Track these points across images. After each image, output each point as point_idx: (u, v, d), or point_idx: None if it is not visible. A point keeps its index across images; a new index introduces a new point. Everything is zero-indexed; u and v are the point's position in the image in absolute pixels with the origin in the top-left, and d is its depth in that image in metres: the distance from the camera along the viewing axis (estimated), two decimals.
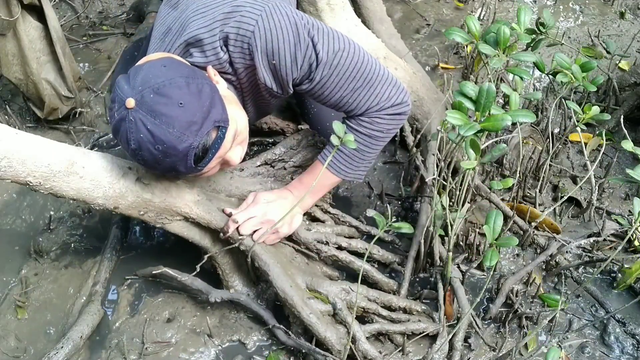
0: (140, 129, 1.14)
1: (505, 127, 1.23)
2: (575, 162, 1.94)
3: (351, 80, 1.36)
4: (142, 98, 1.14)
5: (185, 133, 1.15)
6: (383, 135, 1.46)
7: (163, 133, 1.14)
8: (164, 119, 1.14)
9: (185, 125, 1.15)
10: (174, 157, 1.17)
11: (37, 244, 1.77)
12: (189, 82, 1.17)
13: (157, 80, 1.15)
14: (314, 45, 1.29)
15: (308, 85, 1.36)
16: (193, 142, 1.16)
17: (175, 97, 1.14)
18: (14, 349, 1.56)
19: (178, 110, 1.14)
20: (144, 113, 1.14)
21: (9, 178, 1.22)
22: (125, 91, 1.16)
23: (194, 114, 1.16)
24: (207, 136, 1.19)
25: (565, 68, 1.54)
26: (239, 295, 1.54)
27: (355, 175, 1.52)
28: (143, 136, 1.15)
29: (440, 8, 2.63)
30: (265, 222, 1.46)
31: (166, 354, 1.52)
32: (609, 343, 1.52)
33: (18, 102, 2.20)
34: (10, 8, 1.81)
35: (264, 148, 1.98)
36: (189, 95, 1.16)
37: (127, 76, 1.19)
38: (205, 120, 1.17)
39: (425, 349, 1.49)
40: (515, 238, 1.27)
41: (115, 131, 1.19)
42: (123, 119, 1.16)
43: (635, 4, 2.63)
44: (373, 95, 1.39)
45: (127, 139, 1.17)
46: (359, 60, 1.36)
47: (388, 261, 1.64)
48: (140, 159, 1.20)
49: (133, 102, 1.14)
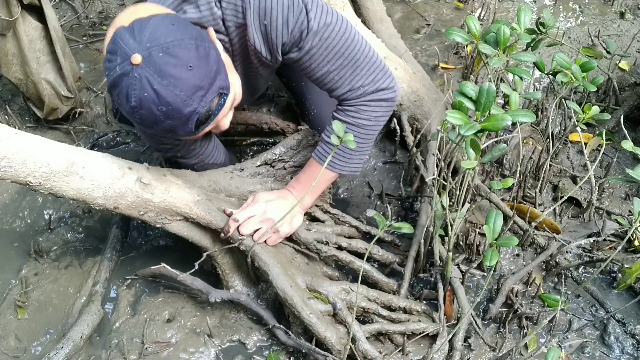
0: (145, 87, 1.11)
1: (505, 127, 1.23)
2: (575, 162, 1.94)
3: (339, 56, 1.36)
4: (150, 56, 1.10)
5: (191, 97, 1.13)
6: (372, 124, 1.45)
7: (169, 95, 1.11)
8: (171, 80, 1.11)
9: (193, 89, 1.13)
10: (175, 120, 1.15)
11: (37, 244, 1.77)
12: (198, 44, 1.15)
13: (167, 39, 1.11)
14: (307, 12, 1.29)
15: (297, 54, 1.35)
16: (197, 107, 1.15)
17: (184, 59, 1.12)
18: (14, 349, 1.56)
19: (187, 73, 1.12)
20: (151, 72, 1.10)
21: (9, 178, 1.22)
22: (130, 46, 1.11)
23: (202, 78, 1.14)
24: (211, 102, 1.17)
25: (565, 68, 1.54)
26: (239, 295, 1.54)
27: (350, 168, 1.52)
28: (147, 95, 1.11)
29: (440, 8, 2.63)
30: (265, 221, 1.46)
31: (166, 354, 1.52)
32: (609, 343, 1.52)
33: (18, 102, 2.20)
34: (10, 8, 1.81)
35: (264, 148, 1.98)
36: (198, 59, 1.14)
37: (131, 29, 1.13)
38: (211, 86, 1.16)
39: (425, 349, 1.49)
40: (515, 238, 1.27)
41: (114, 85, 1.14)
42: (125, 74, 1.11)
43: (635, 4, 2.63)
44: (359, 75, 1.39)
45: (127, 94, 1.13)
46: (349, 38, 1.36)
47: (388, 261, 1.64)
48: (138, 117, 1.16)
49: (140, 59, 1.09)
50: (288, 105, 2.11)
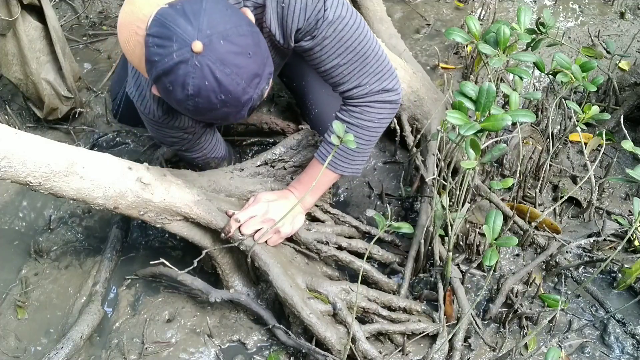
0: (207, 76, 1.08)
1: (505, 127, 1.23)
2: (575, 162, 1.94)
3: (350, 50, 1.36)
4: (211, 43, 1.07)
5: (250, 85, 1.13)
6: (375, 125, 1.45)
7: (231, 83, 1.10)
8: (234, 68, 1.09)
9: (252, 77, 1.12)
10: (232, 108, 1.15)
11: (37, 244, 1.77)
12: (253, 31, 1.14)
13: (226, 25, 1.09)
14: (324, 2, 1.30)
15: (309, 42, 1.35)
16: (253, 95, 1.15)
17: (244, 46, 1.10)
18: (14, 349, 1.56)
19: (247, 60, 1.11)
20: (213, 60, 1.08)
21: (9, 178, 1.22)
22: (189, 32, 1.07)
23: (259, 65, 1.13)
24: (263, 88, 1.17)
25: (565, 68, 1.54)
26: (239, 295, 1.54)
27: (352, 169, 1.52)
28: (208, 84, 1.09)
29: (440, 8, 2.63)
30: (266, 221, 1.46)
31: (166, 354, 1.52)
32: (609, 343, 1.52)
33: (18, 102, 2.20)
34: (10, 8, 1.81)
35: (264, 148, 1.98)
36: (255, 46, 1.13)
37: (184, 13, 1.09)
38: (264, 72, 1.15)
39: (425, 349, 1.49)
40: (515, 238, 1.27)
41: (167, 72, 1.10)
42: (184, 62, 1.08)
43: (635, 4, 2.63)
44: (366, 72, 1.40)
45: (183, 83, 1.10)
46: (362, 34, 1.37)
47: (388, 261, 1.64)
48: (192, 105, 1.13)
49: (201, 46, 1.06)
50: (288, 105, 2.11)
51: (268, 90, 1.24)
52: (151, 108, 1.43)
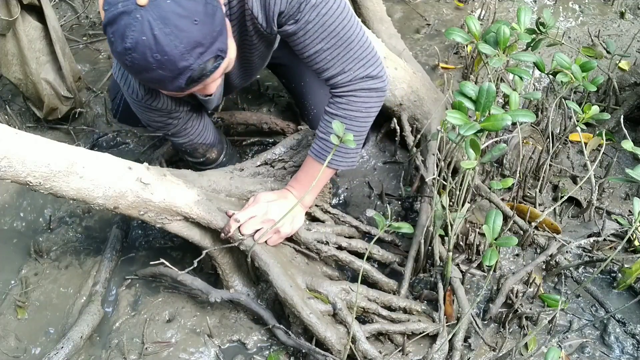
0: (145, 31, 1.07)
1: (505, 127, 1.23)
2: (575, 162, 1.94)
3: (334, 35, 1.35)
4: (157, 0, 1.07)
5: (190, 52, 1.11)
6: (363, 115, 1.44)
7: (168, 44, 1.08)
8: (174, 29, 1.08)
9: (193, 44, 1.11)
10: (167, 72, 1.12)
11: (37, 244, 1.77)
12: (207, 1, 1.13)
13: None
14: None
15: (292, 27, 1.34)
16: (193, 64, 1.13)
17: (192, 11, 1.09)
18: (14, 349, 1.56)
19: (192, 26, 1.09)
20: (155, 16, 1.07)
21: (9, 178, 1.22)
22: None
23: (204, 35, 1.12)
24: (207, 62, 1.15)
25: (565, 68, 1.54)
26: (239, 295, 1.54)
27: (347, 163, 1.51)
28: (145, 39, 1.08)
29: (440, 8, 2.63)
30: (266, 221, 1.46)
31: (166, 354, 1.52)
32: (609, 343, 1.52)
33: (18, 102, 2.20)
34: (10, 8, 1.81)
35: (264, 148, 1.98)
36: (205, 15, 1.11)
37: None
38: (211, 45, 1.14)
39: (425, 349, 1.49)
40: (514, 238, 1.26)
41: (111, 22, 1.10)
42: (127, 13, 1.07)
43: (635, 4, 2.63)
44: (350, 58, 1.38)
45: (123, 34, 1.09)
46: (346, 18, 1.35)
47: (388, 261, 1.64)
48: (129, 60, 1.12)
49: (145, 0, 1.06)
50: (288, 105, 2.11)
51: (220, 69, 1.21)
52: (134, 87, 1.44)
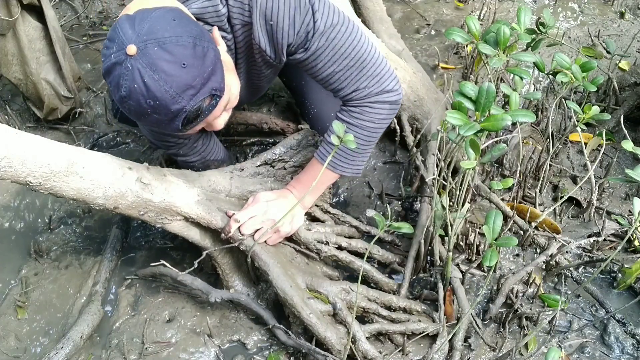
0: (136, 79, 1.11)
1: (505, 127, 1.23)
2: (575, 162, 1.94)
3: (345, 56, 1.35)
4: (145, 48, 1.10)
5: (181, 95, 1.13)
6: (375, 126, 1.45)
7: (158, 90, 1.11)
8: (163, 75, 1.11)
9: (183, 87, 1.13)
10: (162, 115, 1.15)
11: (37, 244, 1.77)
12: (196, 43, 1.14)
13: (165, 34, 1.11)
14: (314, 13, 1.28)
15: (302, 54, 1.35)
16: (186, 106, 1.15)
17: (179, 56, 1.12)
18: (14, 349, 1.56)
19: (180, 70, 1.12)
20: (144, 64, 1.10)
21: (9, 178, 1.22)
22: (128, 36, 1.11)
23: (194, 77, 1.13)
24: (201, 102, 1.17)
25: (565, 68, 1.54)
26: (239, 295, 1.54)
27: (352, 170, 1.51)
28: (137, 87, 1.11)
29: (440, 8, 2.63)
30: (266, 221, 1.46)
31: (166, 354, 1.52)
32: (609, 343, 1.52)
33: (18, 102, 2.20)
34: (10, 8, 1.81)
35: (264, 148, 1.98)
36: (193, 58, 1.13)
37: (133, 20, 1.14)
38: (203, 87, 1.15)
39: (425, 349, 1.49)
40: (514, 238, 1.26)
41: (107, 73, 1.15)
42: (119, 63, 1.12)
43: (635, 4, 2.63)
44: (364, 76, 1.38)
45: (118, 83, 1.13)
46: (356, 38, 1.36)
47: (388, 261, 1.64)
48: (126, 107, 1.17)
49: (135, 50, 1.10)
50: (288, 105, 2.11)
51: (219, 107, 1.23)
52: None
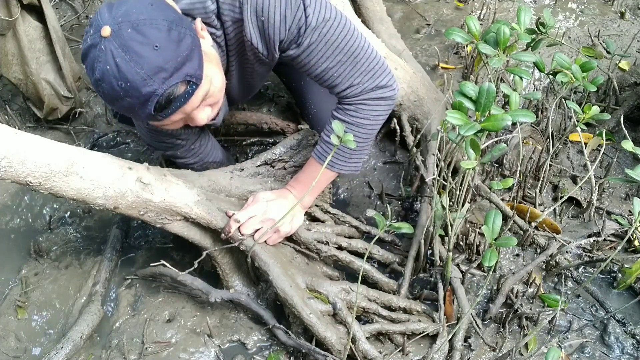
0: (108, 60, 1.11)
1: (505, 127, 1.23)
2: (575, 162, 1.94)
3: (338, 52, 1.34)
4: (119, 30, 1.10)
5: (152, 77, 1.12)
6: (371, 123, 1.44)
7: (129, 71, 1.11)
8: (134, 56, 1.10)
9: (155, 69, 1.12)
10: (134, 99, 1.14)
11: (37, 244, 1.77)
12: (172, 27, 1.14)
13: (140, 16, 1.12)
14: (305, 8, 1.28)
15: (295, 51, 1.34)
16: (158, 89, 1.14)
17: (152, 38, 1.11)
18: (14, 349, 1.56)
19: (152, 52, 1.11)
20: (116, 45, 1.10)
21: (9, 178, 1.22)
22: (104, 18, 1.12)
23: (166, 60, 1.13)
24: (174, 87, 1.16)
25: (565, 68, 1.54)
26: (239, 295, 1.54)
27: (350, 167, 1.51)
28: (109, 68, 1.11)
29: (440, 8, 2.63)
30: (265, 220, 1.46)
31: (166, 354, 1.52)
32: (609, 343, 1.52)
33: (18, 102, 2.20)
34: (10, 8, 1.81)
35: (264, 148, 1.98)
36: (167, 41, 1.13)
37: (111, 5, 1.15)
38: (176, 71, 1.14)
39: (425, 349, 1.50)
40: (514, 238, 1.26)
41: (84, 56, 1.16)
42: (94, 46, 1.12)
43: (635, 4, 2.63)
44: (358, 71, 1.38)
45: (92, 66, 1.14)
46: (348, 33, 1.35)
47: (388, 261, 1.64)
48: (101, 91, 1.17)
49: (109, 31, 1.10)
50: (288, 105, 2.11)
51: (196, 97, 1.21)
52: None
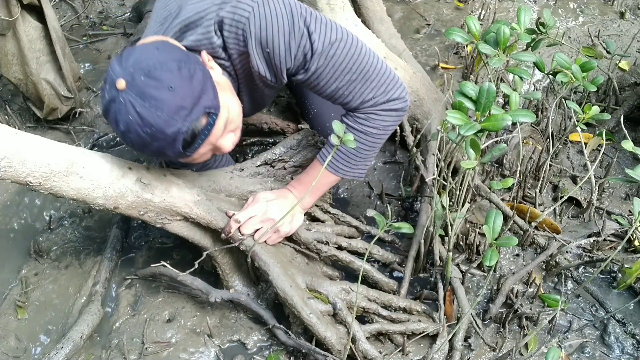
0: (129, 111, 1.14)
1: (505, 127, 1.23)
2: (575, 162, 1.94)
3: (347, 71, 1.35)
4: (133, 80, 1.13)
5: (173, 117, 1.15)
6: (380, 132, 1.45)
7: (151, 116, 1.14)
8: (152, 102, 1.13)
9: (174, 109, 1.14)
10: (162, 141, 1.17)
11: (37, 244, 1.77)
12: (181, 66, 1.17)
13: (149, 62, 1.15)
14: (310, 35, 1.28)
15: (303, 75, 1.35)
16: (181, 127, 1.16)
17: (165, 80, 1.14)
18: (14, 349, 1.56)
19: (168, 93, 1.14)
20: (134, 95, 1.13)
21: (9, 178, 1.22)
22: (116, 72, 1.15)
23: (183, 98, 1.15)
24: (196, 122, 1.18)
25: (565, 68, 1.54)
26: (239, 295, 1.54)
27: (354, 173, 1.51)
28: (132, 118, 1.14)
29: (440, 8, 2.63)
30: (265, 221, 1.46)
31: (166, 354, 1.52)
32: (609, 343, 1.52)
33: (18, 102, 2.20)
34: (10, 8, 1.81)
35: (264, 148, 1.98)
36: (180, 79, 1.15)
37: (120, 57, 1.18)
38: (195, 106, 1.16)
39: (425, 349, 1.50)
40: (514, 238, 1.26)
41: (106, 112, 1.19)
42: (113, 100, 1.16)
43: (635, 4, 2.63)
44: (369, 88, 1.38)
45: (116, 120, 1.17)
46: (356, 52, 1.35)
47: (388, 261, 1.64)
48: (129, 141, 1.20)
49: (123, 84, 1.13)
50: (288, 105, 2.11)
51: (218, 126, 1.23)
52: None
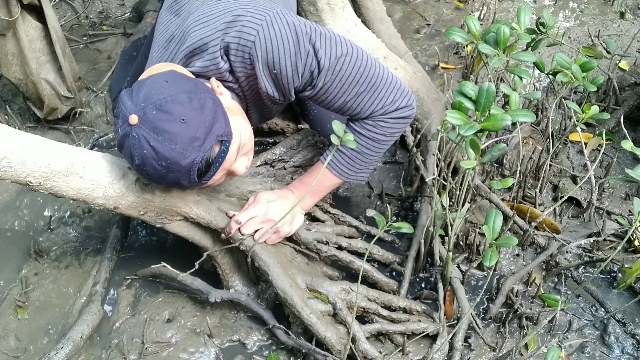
0: (144, 145, 1.16)
1: (505, 127, 1.23)
2: (575, 162, 1.94)
3: (354, 85, 1.35)
4: (145, 115, 1.15)
5: (187, 149, 1.16)
6: (386, 138, 1.46)
7: (166, 149, 1.16)
8: (166, 135, 1.15)
9: (188, 141, 1.16)
10: (177, 173, 1.19)
11: (37, 244, 1.77)
12: (192, 97, 1.18)
13: (160, 96, 1.16)
14: (315, 53, 1.29)
15: (311, 91, 1.36)
16: (196, 158, 1.18)
17: (177, 113, 1.16)
18: (14, 349, 1.56)
19: (180, 126, 1.16)
20: (147, 130, 1.15)
21: (9, 178, 1.22)
22: (128, 107, 1.17)
23: (196, 129, 1.17)
24: (210, 151, 1.20)
25: (565, 68, 1.54)
26: (239, 295, 1.54)
27: (357, 177, 1.52)
28: (146, 152, 1.16)
29: (440, 8, 2.63)
30: (266, 221, 1.46)
31: (166, 354, 1.52)
32: (609, 343, 1.52)
33: (18, 102, 2.20)
34: (10, 8, 1.81)
35: (264, 148, 1.98)
36: (191, 111, 1.17)
37: (131, 92, 1.20)
38: (208, 135, 1.18)
39: (425, 349, 1.50)
40: (514, 238, 1.27)
41: (120, 146, 1.22)
42: (127, 135, 1.18)
43: (635, 4, 2.63)
44: (377, 99, 1.38)
45: (131, 154, 1.19)
46: (362, 65, 1.35)
47: (388, 261, 1.64)
48: (145, 174, 1.22)
49: (136, 119, 1.15)
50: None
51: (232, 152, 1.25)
52: None
